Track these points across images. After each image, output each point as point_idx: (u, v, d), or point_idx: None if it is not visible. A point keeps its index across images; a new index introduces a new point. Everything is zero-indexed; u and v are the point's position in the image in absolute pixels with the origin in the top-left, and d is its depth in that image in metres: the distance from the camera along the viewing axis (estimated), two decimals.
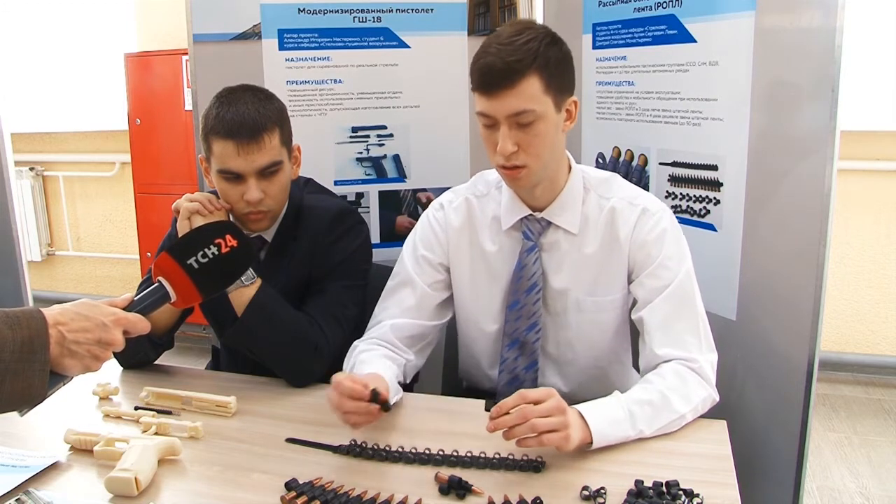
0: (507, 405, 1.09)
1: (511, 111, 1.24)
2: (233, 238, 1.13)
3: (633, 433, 1.17)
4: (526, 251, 1.40)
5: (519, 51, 1.23)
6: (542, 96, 1.25)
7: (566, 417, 1.10)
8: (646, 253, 1.35)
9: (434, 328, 1.48)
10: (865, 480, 2.46)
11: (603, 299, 1.41)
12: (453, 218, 1.46)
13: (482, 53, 1.26)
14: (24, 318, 0.90)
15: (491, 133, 1.28)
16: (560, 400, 1.11)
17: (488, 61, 1.24)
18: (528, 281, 1.40)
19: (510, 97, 1.23)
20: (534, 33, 1.26)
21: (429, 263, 1.46)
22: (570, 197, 1.38)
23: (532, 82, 1.23)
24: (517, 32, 1.25)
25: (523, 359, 1.45)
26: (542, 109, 1.25)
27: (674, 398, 1.21)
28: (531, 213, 1.39)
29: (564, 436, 1.08)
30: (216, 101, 1.40)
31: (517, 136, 1.26)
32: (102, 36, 3.88)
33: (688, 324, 1.31)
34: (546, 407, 1.09)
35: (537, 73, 1.23)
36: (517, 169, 1.29)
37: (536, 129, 1.26)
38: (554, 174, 1.36)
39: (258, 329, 1.39)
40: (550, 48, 1.26)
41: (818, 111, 1.44)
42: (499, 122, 1.26)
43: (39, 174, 4.16)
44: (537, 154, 1.28)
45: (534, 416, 1.08)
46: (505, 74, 1.22)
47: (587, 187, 1.40)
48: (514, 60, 1.22)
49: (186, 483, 1.10)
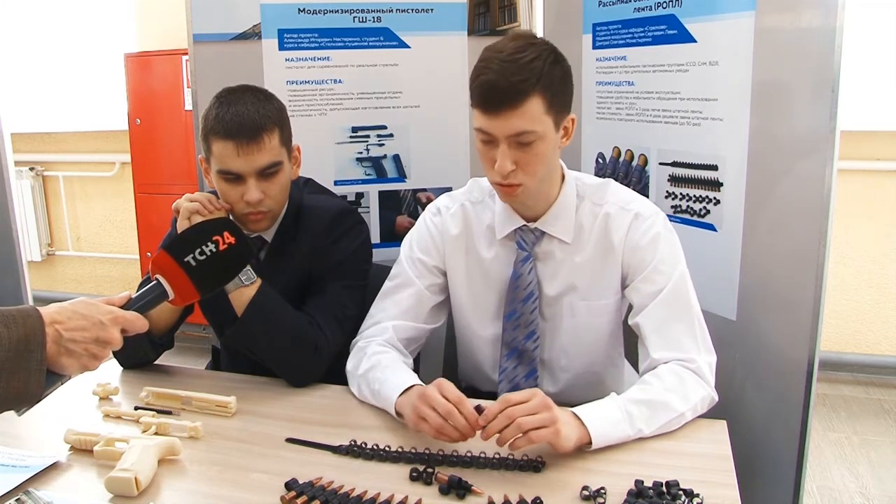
0: (493, 412, 1.09)
1: (512, 131, 1.22)
2: (230, 235, 1.13)
3: (633, 432, 1.17)
4: (521, 261, 1.40)
5: (523, 70, 1.20)
6: (543, 117, 1.23)
7: (552, 413, 1.10)
8: (640, 257, 1.35)
9: (427, 332, 1.48)
10: (865, 480, 2.46)
11: (596, 303, 1.40)
12: (450, 224, 1.46)
13: (483, 69, 1.22)
14: (21, 316, 0.89)
15: (488, 149, 1.27)
16: (544, 397, 1.11)
17: (490, 79, 1.21)
18: (524, 290, 1.40)
19: (513, 118, 1.21)
20: (537, 51, 1.23)
21: (425, 267, 1.46)
22: (563, 207, 1.38)
23: (535, 103, 1.21)
24: (520, 49, 1.22)
25: (522, 367, 1.45)
26: (542, 130, 1.23)
27: (671, 397, 1.21)
28: (525, 223, 1.39)
29: (553, 431, 1.08)
30: (216, 101, 1.40)
31: (516, 154, 1.24)
32: (102, 36, 3.88)
33: (684, 326, 1.30)
34: (530, 405, 1.09)
35: (540, 94, 1.21)
36: (513, 187, 1.28)
37: (536, 149, 1.24)
38: (547, 187, 1.36)
39: (258, 329, 1.40)
40: (554, 68, 1.24)
41: (818, 111, 1.44)
42: (498, 140, 1.24)
43: (39, 174, 4.16)
44: (534, 173, 1.27)
45: (518, 415, 1.08)
46: (508, 95, 1.20)
47: (581, 195, 1.39)
48: (519, 80, 1.19)
49: (186, 483, 1.10)
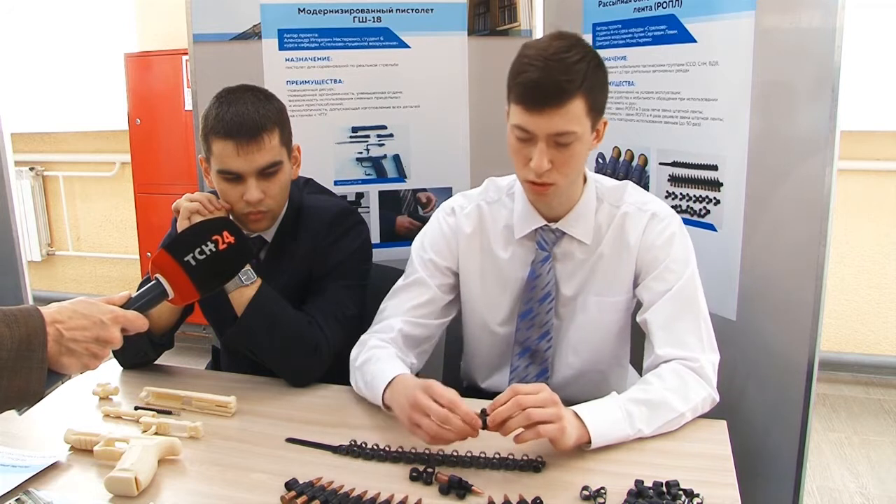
0: (501, 400, 1.10)
1: (554, 131, 1.22)
2: (230, 235, 1.13)
3: (632, 432, 1.17)
4: (540, 261, 1.40)
5: (570, 70, 1.19)
6: (584, 118, 1.23)
7: (559, 409, 1.10)
8: (653, 256, 1.35)
9: (439, 327, 1.49)
10: (865, 480, 2.46)
11: (606, 300, 1.40)
12: (465, 224, 1.45)
13: (526, 66, 1.22)
14: (22, 316, 0.90)
15: (524, 146, 1.26)
16: (552, 393, 1.11)
17: (535, 77, 1.20)
18: (541, 290, 1.40)
19: (555, 117, 1.21)
20: (582, 52, 1.22)
21: (436, 267, 1.46)
22: (584, 208, 1.38)
23: (578, 104, 1.21)
24: (566, 49, 1.21)
25: (534, 367, 1.45)
26: (581, 131, 1.23)
27: (672, 397, 1.21)
28: (546, 223, 1.39)
29: (559, 427, 1.08)
30: (216, 101, 1.40)
31: (553, 154, 1.24)
32: (102, 36, 3.88)
33: (689, 324, 1.31)
34: (539, 398, 1.09)
35: (584, 96, 1.21)
36: (546, 185, 1.28)
37: (573, 149, 1.24)
38: (574, 187, 1.37)
39: (258, 329, 1.39)
40: (598, 71, 1.25)
41: (818, 111, 1.44)
42: (536, 138, 1.24)
43: (39, 174, 4.16)
44: (567, 173, 1.27)
45: (528, 405, 1.08)
46: (554, 94, 1.20)
47: (600, 197, 1.40)
48: (566, 81, 1.19)
49: (186, 483, 1.10)
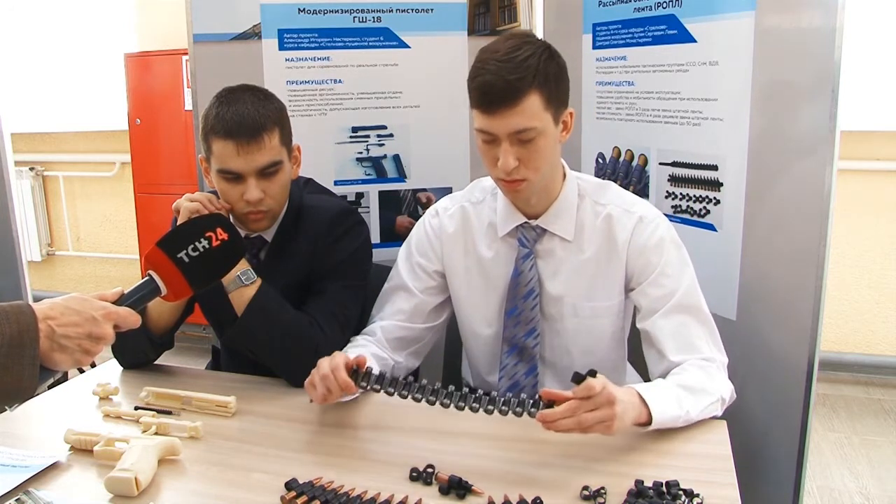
0: (564, 405, 1.08)
1: (513, 129, 1.23)
2: (224, 231, 1.13)
3: (682, 413, 1.18)
4: (522, 258, 1.40)
5: (519, 68, 1.21)
6: (542, 113, 1.24)
7: (613, 409, 1.08)
8: (645, 260, 1.35)
9: (429, 330, 1.49)
10: (865, 480, 2.46)
11: (599, 305, 1.41)
12: (448, 225, 1.47)
13: (480, 70, 1.24)
14: (14, 312, 0.89)
15: (490, 148, 1.28)
16: (610, 392, 1.09)
17: (487, 79, 1.22)
18: (524, 287, 1.41)
19: (512, 116, 1.22)
20: (532, 48, 1.24)
21: (423, 270, 1.47)
22: (564, 204, 1.39)
23: (533, 100, 1.22)
24: (515, 48, 1.23)
25: (523, 364, 1.45)
26: (542, 125, 1.24)
27: (707, 384, 1.24)
28: (526, 220, 1.40)
29: (607, 426, 1.09)
30: (216, 101, 1.40)
31: (518, 151, 1.25)
32: (102, 36, 3.88)
33: (699, 330, 1.32)
34: (595, 401, 1.08)
35: (538, 91, 1.22)
36: (517, 182, 1.29)
37: (537, 144, 1.25)
38: (550, 183, 1.37)
39: (258, 329, 1.40)
40: (549, 63, 1.25)
41: (818, 111, 1.44)
42: (499, 139, 1.25)
43: (39, 174, 4.16)
44: (537, 167, 1.28)
45: (581, 411, 1.07)
46: (506, 93, 1.21)
47: (582, 194, 1.40)
48: (516, 79, 1.21)
49: (186, 483, 1.10)
